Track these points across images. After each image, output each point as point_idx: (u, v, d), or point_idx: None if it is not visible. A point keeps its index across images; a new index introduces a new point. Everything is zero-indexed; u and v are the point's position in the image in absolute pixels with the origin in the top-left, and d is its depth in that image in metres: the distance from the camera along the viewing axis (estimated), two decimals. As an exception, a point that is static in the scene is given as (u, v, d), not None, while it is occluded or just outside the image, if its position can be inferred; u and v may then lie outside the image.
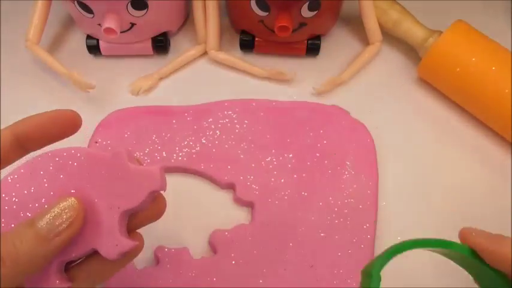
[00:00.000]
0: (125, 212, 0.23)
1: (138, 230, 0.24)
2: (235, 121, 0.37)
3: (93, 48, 0.40)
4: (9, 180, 0.23)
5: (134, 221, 0.24)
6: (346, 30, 0.43)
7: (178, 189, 0.35)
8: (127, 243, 0.22)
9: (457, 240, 0.25)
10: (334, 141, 0.36)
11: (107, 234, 0.22)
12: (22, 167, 0.23)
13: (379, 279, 0.22)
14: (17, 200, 0.22)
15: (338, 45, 0.42)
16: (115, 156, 0.23)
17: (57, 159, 0.23)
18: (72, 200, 0.21)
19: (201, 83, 0.40)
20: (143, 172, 0.23)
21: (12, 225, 0.22)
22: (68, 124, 0.24)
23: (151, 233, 0.33)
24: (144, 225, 0.24)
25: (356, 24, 0.43)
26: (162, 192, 0.24)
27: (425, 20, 0.40)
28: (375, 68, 0.41)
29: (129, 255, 0.23)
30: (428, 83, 0.40)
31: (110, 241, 0.22)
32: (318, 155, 0.36)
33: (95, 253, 0.23)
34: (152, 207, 0.24)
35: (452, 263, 0.26)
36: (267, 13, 0.37)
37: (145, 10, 0.37)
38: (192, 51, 0.41)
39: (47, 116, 0.24)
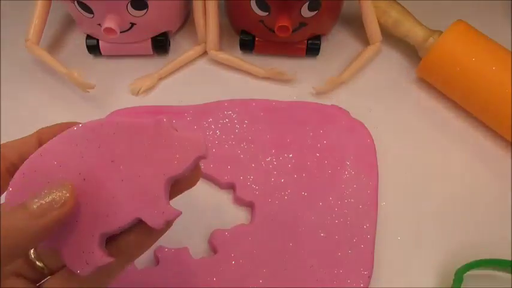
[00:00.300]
0: (170, 179, 0.22)
1: None
2: (235, 121, 0.37)
3: (93, 48, 0.40)
4: (41, 156, 0.22)
5: (173, 189, 0.23)
6: (346, 30, 0.43)
7: (178, 189, 0.35)
8: (173, 211, 0.22)
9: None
10: (334, 141, 0.36)
11: (153, 202, 0.21)
12: (55, 139, 0.22)
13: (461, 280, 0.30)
14: (48, 174, 0.22)
15: (338, 45, 0.42)
16: (157, 123, 0.22)
17: (93, 130, 0.22)
18: (64, 183, 0.21)
19: (201, 83, 0.40)
20: (188, 138, 0.22)
21: None
22: None
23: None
24: (181, 192, 0.24)
25: (356, 24, 0.43)
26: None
27: (425, 20, 0.40)
28: (375, 68, 0.42)
29: (168, 224, 0.23)
30: (428, 83, 0.40)
31: (157, 209, 0.21)
32: (318, 155, 0.36)
33: (131, 226, 0.22)
34: (191, 174, 0.23)
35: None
36: (267, 13, 0.37)
37: (145, 10, 0.37)
38: (192, 51, 0.41)
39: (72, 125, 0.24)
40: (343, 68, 0.41)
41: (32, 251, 0.23)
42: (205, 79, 0.41)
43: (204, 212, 0.34)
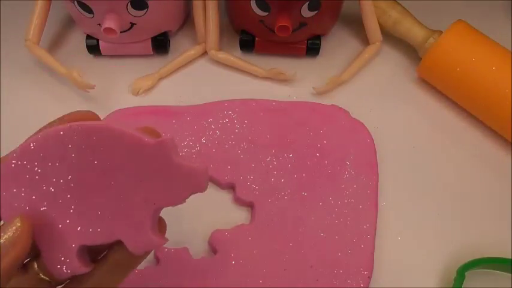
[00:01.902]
0: (160, 209, 0.21)
1: None
2: (235, 121, 0.37)
3: (93, 48, 0.40)
4: (32, 147, 0.21)
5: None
6: (346, 30, 0.43)
7: (178, 189, 0.35)
8: (156, 242, 0.21)
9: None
10: (334, 141, 0.36)
11: (137, 229, 0.21)
12: (47, 135, 0.21)
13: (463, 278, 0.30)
14: (39, 170, 0.21)
15: (338, 45, 0.42)
16: (160, 144, 0.20)
17: (88, 134, 0.21)
18: (16, 221, 0.20)
19: (201, 83, 0.40)
20: (188, 170, 0.21)
21: (33, 197, 0.21)
22: None
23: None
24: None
25: (356, 24, 0.43)
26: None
27: (425, 20, 0.40)
28: (375, 68, 0.41)
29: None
30: (428, 83, 0.40)
31: (139, 237, 0.21)
32: (318, 155, 0.36)
33: (119, 243, 0.22)
34: None
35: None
36: (267, 13, 0.37)
37: (145, 10, 0.37)
38: (192, 51, 0.41)
39: (73, 116, 0.23)
40: (343, 68, 0.41)
41: (35, 264, 0.23)
42: (205, 79, 0.41)
43: (204, 212, 0.34)
